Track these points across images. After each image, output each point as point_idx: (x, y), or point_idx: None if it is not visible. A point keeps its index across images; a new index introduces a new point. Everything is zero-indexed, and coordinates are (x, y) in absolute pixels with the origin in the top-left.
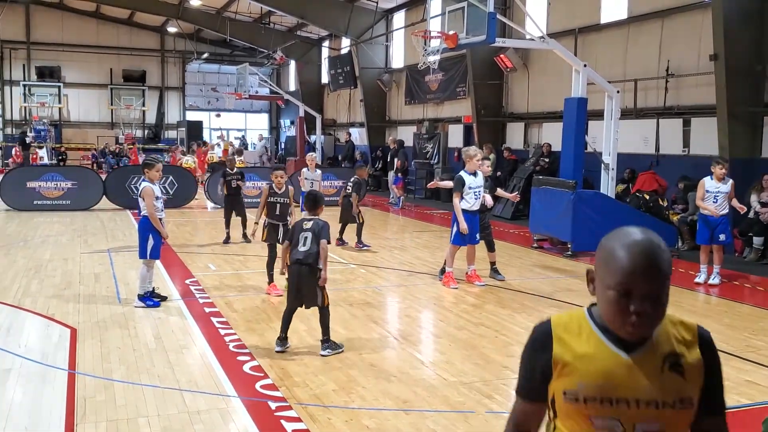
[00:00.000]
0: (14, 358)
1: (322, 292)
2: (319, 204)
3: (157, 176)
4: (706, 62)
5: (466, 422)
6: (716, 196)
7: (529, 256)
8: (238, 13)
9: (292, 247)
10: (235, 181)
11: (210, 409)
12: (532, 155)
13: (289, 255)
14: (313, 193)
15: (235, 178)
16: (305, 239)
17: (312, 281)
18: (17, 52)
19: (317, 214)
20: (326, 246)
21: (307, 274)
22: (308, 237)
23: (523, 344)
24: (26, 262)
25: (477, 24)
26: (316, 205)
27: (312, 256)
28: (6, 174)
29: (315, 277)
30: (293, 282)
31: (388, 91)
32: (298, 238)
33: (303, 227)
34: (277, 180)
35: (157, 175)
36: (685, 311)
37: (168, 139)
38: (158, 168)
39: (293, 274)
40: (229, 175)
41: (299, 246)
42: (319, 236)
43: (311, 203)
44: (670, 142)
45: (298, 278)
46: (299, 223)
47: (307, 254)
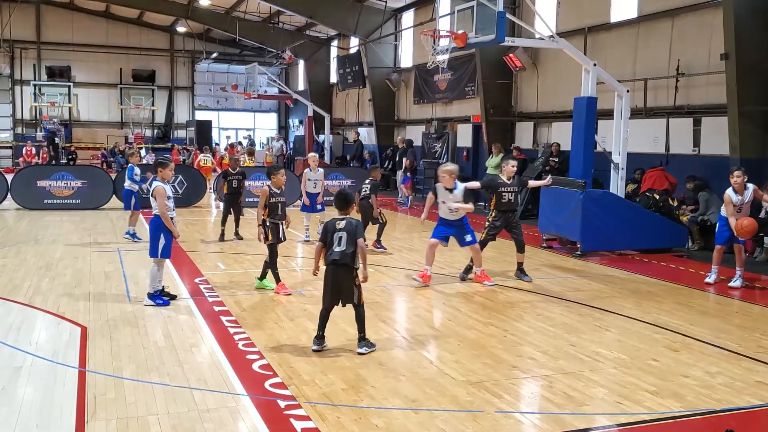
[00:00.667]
0: (25, 356)
1: (358, 290)
2: (350, 203)
3: (170, 175)
4: (716, 61)
5: (475, 422)
6: (740, 208)
7: (538, 255)
8: (247, 12)
9: (327, 247)
10: (236, 181)
11: (219, 407)
12: (542, 155)
13: (324, 255)
14: (343, 193)
15: (236, 178)
16: (340, 239)
17: (349, 280)
18: (28, 52)
19: (348, 213)
20: (364, 244)
21: (344, 274)
22: (343, 237)
23: (532, 344)
24: (37, 260)
25: (486, 23)
26: (347, 204)
27: (348, 255)
28: (17, 173)
29: (352, 275)
30: (331, 282)
31: (396, 91)
32: (332, 239)
33: (336, 227)
34: (276, 179)
35: (170, 175)
36: (696, 312)
37: (177, 138)
38: (171, 167)
39: (330, 274)
40: (230, 174)
41: (335, 246)
42: (354, 235)
43: (342, 202)
44: (680, 142)
45: (335, 278)
46: (331, 224)
47: (343, 254)
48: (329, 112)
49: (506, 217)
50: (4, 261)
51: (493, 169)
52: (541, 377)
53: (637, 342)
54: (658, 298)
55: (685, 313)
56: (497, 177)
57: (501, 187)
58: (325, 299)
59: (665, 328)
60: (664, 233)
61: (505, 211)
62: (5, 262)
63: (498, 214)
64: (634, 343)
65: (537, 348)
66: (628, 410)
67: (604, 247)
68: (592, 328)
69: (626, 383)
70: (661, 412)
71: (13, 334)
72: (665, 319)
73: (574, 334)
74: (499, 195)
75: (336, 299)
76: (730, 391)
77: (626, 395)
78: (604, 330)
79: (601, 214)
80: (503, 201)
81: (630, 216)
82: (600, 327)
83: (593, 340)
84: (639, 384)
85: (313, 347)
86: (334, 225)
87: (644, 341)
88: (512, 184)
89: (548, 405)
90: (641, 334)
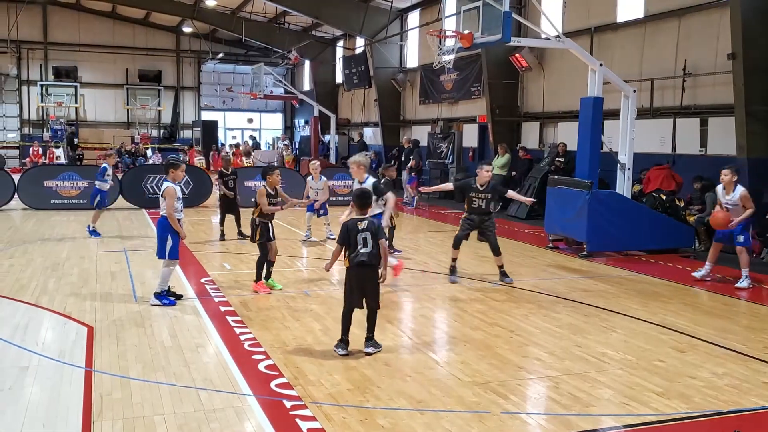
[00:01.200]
0: (32, 356)
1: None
2: (370, 203)
3: (181, 176)
4: (723, 61)
5: (481, 422)
6: (728, 207)
7: (544, 256)
8: (253, 13)
9: (350, 248)
10: (231, 182)
11: (225, 407)
12: (548, 155)
13: (346, 257)
14: (364, 192)
15: (231, 178)
16: (365, 240)
17: (375, 281)
18: (34, 52)
19: (366, 213)
20: (386, 245)
21: (371, 275)
22: (367, 237)
23: (538, 345)
24: (43, 260)
25: (492, 23)
26: (368, 204)
27: (375, 256)
28: (24, 173)
29: (377, 276)
30: (356, 283)
31: (402, 91)
32: (356, 239)
33: (358, 228)
34: (270, 180)
35: (181, 176)
36: (703, 312)
37: (183, 138)
38: (183, 168)
39: (356, 276)
40: (225, 175)
41: (360, 248)
42: (377, 236)
43: (363, 202)
44: (687, 142)
45: (361, 279)
46: (352, 224)
47: (370, 255)
48: (335, 113)
49: (478, 219)
50: (11, 261)
51: (499, 170)
52: (548, 378)
53: (643, 343)
54: (665, 298)
55: (692, 313)
56: (472, 181)
57: (471, 192)
58: (351, 301)
59: (672, 329)
60: (671, 234)
61: (477, 214)
62: (12, 262)
63: (470, 215)
64: (641, 343)
65: (543, 349)
66: (635, 411)
67: (611, 248)
68: (598, 328)
69: (633, 384)
70: (668, 413)
71: (20, 333)
72: (672, 319)
73: (580, 334)
74: (469, 199)
75: (362, 300)
76: (737, 393)
77: (633, 396)
78: (610, 331)
79: (608, 214)
80: (473, 206)
81: (636, 216)
82: (606, 328)
83: (599, 340)
84: (645, 385)
85: (339, 352)
86: (356, 226)
87: (651, 342)
88: (484, 190)
89: (554, 406)
90: (648, 334)
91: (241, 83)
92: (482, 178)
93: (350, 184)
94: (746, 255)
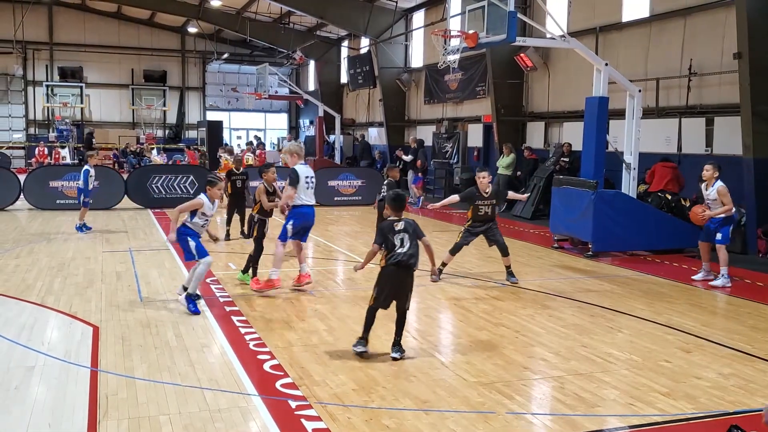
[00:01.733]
0: (38, 356)
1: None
2: (404, 206)
3: (218, 195)
4: (729, 60)
5: (487, 423)
6: (708, 203)
7: (549, 256)
8: (258, 13)
9: (388, 249)
10: (240, 181)
11: (230, 407)
12: (553, 155)
13: (383, 257)
14: (399, 195)
15: (240, 178)
16: (402, 240)
17: (410, 282)
18: (40, 53)
19: (401, 215)
20: (428, 241)
21: (407, 275)
22: (404, 238)
23: (543, 345)
24: (49, 260)
25: (497, 23)
26: (403, 206)
27: (414, 256)
28: (29, 173)
29: (412, 277)
30: (393, 283)
31: (407, 91)
32: (393, 240)
33: (395, 228)
34: (266, 177)
35: (217, 194)
36: (708, 312)
37: (189, 138)
38: (220, 187)
39: (390, 275)
40: (234, 174)
41: (398, 248)
42: (418, 234)
43: (398, 205)
44: (692, 142)
45: (398, 279)
46: (388, 225)
47: (410, 255)
48: (340, 113)
49: (484, 226)
50: (17, 261)
51: (504, 170)
52: (553, 378)
53: (649, 343)
54: (670, 298)
55: (698, 314)
56: (475, 189)
57: (478, 201)
58: (381, 300)
59: (677, 329)
60: (676, 234)
61: (483, 221)
62: (18, 262)
63: (475, 223)
64: (646, 344)
65: (548, 349)
66: (641, 412)
67: (616, 248)
68: (603, 329)
69: (638, 384)
70: (674, 413)
71: (25, 333)
72: (677, 320)
73: (585, 335)
74: (475, 207)
75: (390, 302)
76: (744, 393)
77: (638, 397)
78: (616, 331)
79: (613, 214)
80: (479, 214)
81: (642, 216)
82: (612, 328)
83: (605, 341)
84: (651, 385)
85: (358, 350)
86: (392, 226)
87: (656, 342)
88: (489, 197)
89: (560, 406)
90: (653, 335)
91: (246, 83)
92: (483, 185)
93: (356, 184)
94: (724, 253)
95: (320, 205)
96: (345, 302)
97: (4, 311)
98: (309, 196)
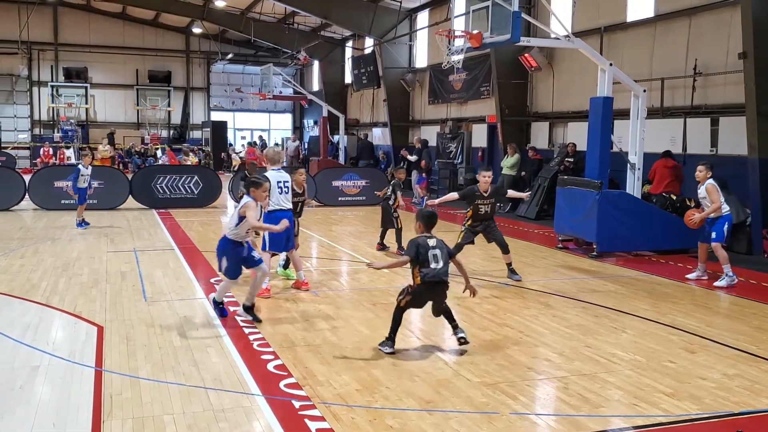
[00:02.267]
0: (42, 356)
1: None
2: (435, 222)
3: (263, 197)
4: (734, 60)
5: (490, 423)
6: (698, 201)
7: (553, 256)
8: (262, 13)
9: (421, 265)
10: None
11: (234, 407)
12: (557, 155)
13: (418, 274)
14: (433, 214)
15: None
16: (435, 256)
17: (444, 296)
18: (45, 53)
19: (432, 231)
20: (459, 259)
21: (442, 290)
22: (438, 254)
23: (547, 345)
24: (54, 260)
25: (501, 23)
26: (434, 223)
27: (446, 273)
28: (34, 174)
29: (446, 291)
30: (426, 296)
31: (411, 91)
32: (427, 256)
33: (429, 245)
34: (296, 178)
35: (263, 196)
36: (712, 312)
37: (193, 139)
38: (265, 188)
39: (427, 291)
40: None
41: (432, 264)
42: (449, 253)
43: (433, 222)
44: (697, 142)
45: (433, 294)
46: (422, 242)
47: (444, 272)
48: (344, 113)
49: (483, 225)
50: (21, 261)
51: (508, 170)
52: (557, 379)
53: (653, 343)
54: (675, 299)
55: (702, 314)
56: (475, 188)
57: (478, 200)
58: (410, 305)
59: (682, 330)
60: (681, 234)
61: (482, 220)
62: (23, 262)
63: (475, 222)
64: (651, 344)
65: (552, 349)
66: (645, 412)
67: (620, 248)
68: (608, 329)
69: (642, 385)
70: (678, 414)
71: (30, 333)
72: (682, 320)
73: (589, 335)
74: (475, 207)
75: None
76: (749, 394)
77: (642, 397)
78: (620, 331)
79: (618, 214)
80: (479, 213)
81: (646, 217)
82: (616, 328)
83: (609, 341)
84: (655, 386)
85: (386, 350)
86: (426, 242)
87: (661, 343)
88: (489, 196)
89: (564, 407)
90: (657, 335)
91: (250, 84)
92: (484, 184)
93: (359, 184)
94: (722, 252)
95: (324, 205)
96: (349, 302)
97: (9, 311)
98: (283, 201)
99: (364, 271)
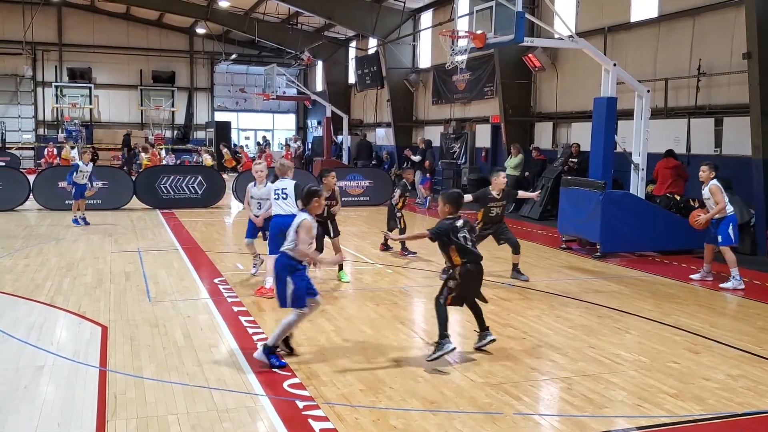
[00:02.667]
0: (47, 356)
1: None
2: (464, 202)
3: (319, 209)
4: (738, 60)
5: (494, 424)
6: (703, 202)
7: (557, 256)
8: (266, 14)
9: (458, 249)
10: None
11: (238, 407)
12: (561, 155)
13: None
14: (461, 194)
15: None
16: (465, 238)
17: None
18: (49, 53)
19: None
20: None
21: (481, 270)
22: (467, 235)
23: (551, 346)
24: (58, 260)
25: (505, 23)
26: (462, 202)
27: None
28: (39, 174)
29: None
30: (476, 279)
31: (415, 91)
32: (458, 238)
33: (457, 226)
34: (327, 181)
35: (319, 208)
36: (717, 314)
37: (197, 139)
38: (324, 196)
39: (474, 272)
40: None
41: (469, 244)
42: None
43: (461, 202)
44: (701, 142)
45: (478, 274)
46: (450, 225)
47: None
48: (347, 113)
49: (494, 227)
50: (26, 261)
51: (512, 170)
52: (561, 379)
53: (657, 344)
54: (679, 299)
55: (706, 315)
56: (488, 190)
57: (490, 202)
58: (456, 298)
59: (686, 330)
60: (685, 234)
61: (493, 222)
62: (27, 262)
63: (486, 224)
64: (655, 345)
65: (556, 350)
66: (648, 413)
67: (624, 249)
68: (611, 329)
69: (646, 386)
70: (682, 415)
71: (35, 333)
72: (686, 321)
73: (593, 335)
74: (487, 209)
75: (465, 300)
76: (753, 395)
77: (646, 398)
78: (623, 332)
79: (621, 215)
80: (491, 215)
81: (650, 217)
82: (620, 329)
83: (613, 342)
84: (659, 387)
85: (449, 348)
86: (454, 225)
87: (664, 343)
88: (501, 198)
89: (567, 407)
90: (661, 336)
91: (254, 84)
92: (499, 185)
93: (363, 184)
94: (730, 254)
95: None
96: (352, 302)
97: (14, 311)
98: (279, 208)
99: (368, 272)
